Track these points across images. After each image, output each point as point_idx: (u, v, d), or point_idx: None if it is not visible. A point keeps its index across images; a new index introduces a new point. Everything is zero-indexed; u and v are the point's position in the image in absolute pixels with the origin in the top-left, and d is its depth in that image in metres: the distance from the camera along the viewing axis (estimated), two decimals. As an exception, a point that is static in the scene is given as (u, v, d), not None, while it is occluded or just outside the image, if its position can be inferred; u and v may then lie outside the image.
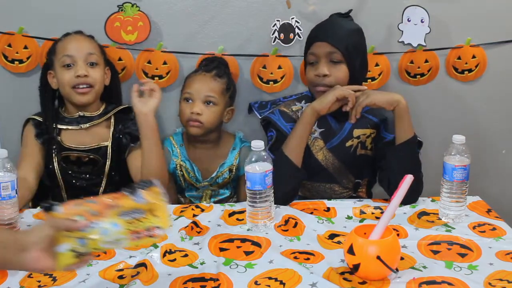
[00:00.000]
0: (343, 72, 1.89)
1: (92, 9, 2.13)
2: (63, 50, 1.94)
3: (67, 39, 1.97)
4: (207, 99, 2.02)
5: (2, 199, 1.56)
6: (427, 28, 2.23)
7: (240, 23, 2.19)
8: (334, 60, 1.88)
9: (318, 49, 1.90)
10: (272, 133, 1.98)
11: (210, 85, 2.03)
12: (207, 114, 2.02)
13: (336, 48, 1.87)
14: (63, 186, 1.97)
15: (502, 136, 2.41)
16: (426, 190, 1.89)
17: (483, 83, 2.33)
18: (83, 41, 1.97)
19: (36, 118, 1.99)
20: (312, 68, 1.92)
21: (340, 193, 1.99)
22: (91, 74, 1.93)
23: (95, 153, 1.97)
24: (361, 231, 1.43)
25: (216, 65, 2.08)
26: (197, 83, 2.04)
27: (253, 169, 1.63)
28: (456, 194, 1.68)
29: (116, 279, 1.41)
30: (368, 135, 1.95)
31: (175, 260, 1.50)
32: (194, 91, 2.03)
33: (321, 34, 1.91)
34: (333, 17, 2.00)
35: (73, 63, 1.92)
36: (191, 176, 2.08)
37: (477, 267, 1.44)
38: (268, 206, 1.67)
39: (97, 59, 1.96)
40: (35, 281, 1.40)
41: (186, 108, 2.04)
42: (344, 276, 1.41)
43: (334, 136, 1.95)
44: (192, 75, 2.08)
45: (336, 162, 1.95)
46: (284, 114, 1.99)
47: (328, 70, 1.88)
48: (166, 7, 2.16)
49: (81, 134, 1.98)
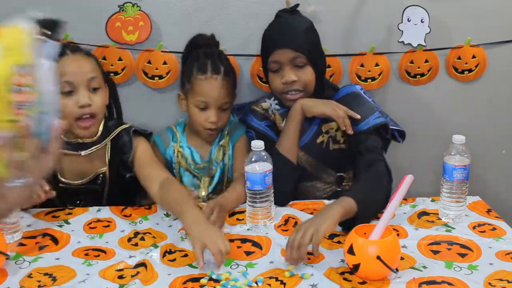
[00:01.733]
0: (310, 75, 1.88)
1: (93, 9, 2.13)
2: (61, 74, 1.73)
3: (64, 61, 1.77)
4: (222, 105, 1.96)
5: (2, 199, 1.56)
6: (427, 28, 2.23)
7: (240, 23, 2.19)
8: (298, 64, 1.86)
9: (280, 56, 1.86)
10: (251, 133, 1.97)
11: (225, 89, 1.95)
12: (222, 119, 1.98)
13: (300, 53, 1.85)
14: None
15: (502, 136, 2.41)
16: (426, 190, 1.89)
17: (483, 83, 2.33)
18: (83, 63, 1.81)
19: None
20: (277, 76, 1.90)
21: (323, 189, 1.95)
22: (95, 101, 1.79)
23: (92, 183, 1.88)
24: (361, 231, 1.43)
25: (218, 59, 1.98)
26: (211, 90, 1.93)
27: (253, 169, 1.63)
28: (456, 194, 1.68)
29: (116, 279, 1.41)
30: (337, 129, 1.91)
31: (175, 260, 1.50)
32: (210, 98, 1.93)
33: (280, 40, 1.87)
34: (284, 17, 1.94)
35: (74, 90, 1.77)
36: (188, 162, 2.05)
37: (477, 267, 1.44)
38: (268, 206, 1.67)
39: (99, 82, 1.82)
40: (35, 281, 1.40)
41: (201, 116, 1.96)
42: (344, 276, 1.41)
43: (304, 134, 1.92)
44: (200, 77, 1.94)
45: (311, 160, 1.92)
46: (255, 113, 1.99)
47: (295, 75, 1.87)
48: (166, 7, 2.16)
49: (80, 160, 1.85)
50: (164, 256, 1.52)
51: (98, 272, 1.44)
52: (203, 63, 1.96)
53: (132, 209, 1.81)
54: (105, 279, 1.41)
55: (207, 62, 1.95)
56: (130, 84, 2.21)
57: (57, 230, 1.67)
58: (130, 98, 2.17)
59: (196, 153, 2.05)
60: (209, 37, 2.05)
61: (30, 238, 1.62)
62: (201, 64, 1.96)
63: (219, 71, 1.95)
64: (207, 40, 2.04)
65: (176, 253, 1.53)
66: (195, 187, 2.04)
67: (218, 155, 2.03)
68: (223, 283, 1.37)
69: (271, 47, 1.89)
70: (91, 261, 1.50)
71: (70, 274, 1.44)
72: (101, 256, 1.53)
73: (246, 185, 1.67)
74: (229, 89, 1.97)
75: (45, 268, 1.47)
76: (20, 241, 1.60)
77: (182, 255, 1.52)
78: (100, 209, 1.81)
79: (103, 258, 1.52)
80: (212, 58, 1.97)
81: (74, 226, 1.71)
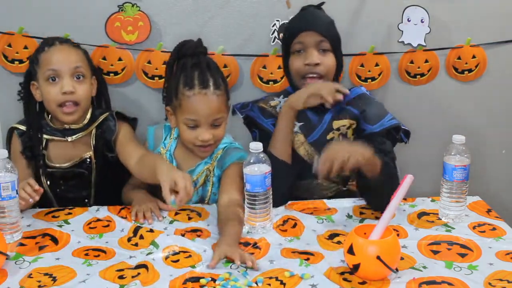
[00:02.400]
0: (332, 61, 1.89)
1: (92, 9, 2.13)
2: (47, 63, 1.86)
3: (52, 51, 1.88)
4: (215, 122, 1.81)
5: (3, 199, 1.56)
6: (427, 28, 2.23)
7: (240, 23, 2.19)
8: (323, 48, 1.87)
9: (305, 38, 1.87)
10: (255, 133, 1.97)
11: (215, 105, 1.79)
12: (216, 135, 1.83)
13: (325, 37, 1.86)
14: (53, 198, 1.97)
15: (502, 136, 2.41)
16: (426, 190, 1.89)
17: (483, 83, 2.33)
18: (69, 52, 1.89)
19: (19, 127, 1.96)
20: (300, 58, 1.89)
21: (328, 188, 1.94)
22: (78, 90, 1.86)
23: (79, 167, 1.94)
24: (361, 231, 1.43)
25: (206, 71, 1.82)
26: (201, 107, 1.78)
27: (252, 171, 1.63)
28: (456, 194, 1.67)
29: (117, 279, 1.41)
30: (348, 126, 1.91)
31: (179, 261, 1.50)
32: (200, 117, 1.78)
33: (307, 24, 1.88)
34: (310, 9, 1.96)
35: (58, 77, 1.85)
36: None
37: (477, 267, 1.44)
38: (267, 208, 1.66)
39: (84, 72, 1.89)
40: (35, 281, 1.40)
41: (191, 134, 1.81)
42: (344, 276, 1.41)
43: (314, 130, 1.91)
44: (187, 93, 1.79)
45: (319, 157, 1.92)
46: (263, 110, 1.98)
47: (319, 59, 1.87)
48: (166, 7, 2.16)
49: (67, 146, 1.93)
50: (167, 258, 1.51)
51: (98, 272, 1.44)
52: (189, 76, 1.80)
53: (129, 211, 1.80)
54: (105, 279, 1.41)
55: (194, 75, 1.80)
56: (130, 84, 2.21)
57: (57, 230, 1.67)
58: (130, 98, 2.17)
59: (175, 164, 1.91)
60: (196, 44, 1.90)
61: (30, 238, 1.62)
62: (187, 77, 1.80)
63: (207, 84, 1.78)
64: (194, 49, 1.88)
65: (180, 254, 1.53)
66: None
67: (200, 177, 1.90)
68: (223, 283, 1.37)
69: (297, 29, 1.90)
70: (91, 261, 1.50)
71: (70, 274, 1.43)
72: (101, 256, 1.53)
73: (245, 187, 1.64)
74: (221, 102, 1.82)
75: (45, 268, 1.46)
76: (20, 241, 1.60)
77: (186, 256, 1.52)
78: (98, 208, 1.81)
79: (103, 258, 1.52)
80: (200, 69, 1.82)
81: (74, 226, 1.70)
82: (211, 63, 1.87)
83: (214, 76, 1.82)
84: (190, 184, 1.57)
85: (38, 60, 1.89)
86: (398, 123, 1.88)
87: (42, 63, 1.88)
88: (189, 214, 1.78)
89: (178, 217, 1.76)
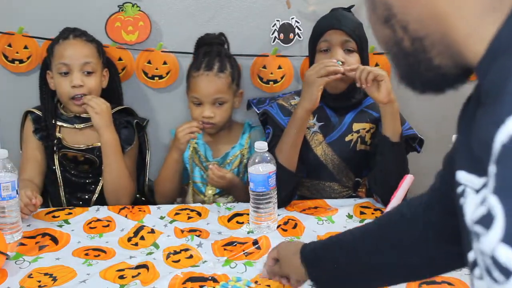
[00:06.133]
0: (357, 62, 1.85)
1: (92, 9, 2.13)
2: (59, 56, 1.93)
3: (65, 45, 1.94)
4: (216, 101, 1.95)
5: (3, 200, 1.56)
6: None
7: (240, 23, 2.19)
8: (348, 48, 1.85)
9: (331, 36, 1.86)
10: (269, 130, 1.96)
11: (216, 85, 1.94)
12: (218, 114, 1.96)
13: (351, 37, 1.85)
14: (61, 183, 1.99)
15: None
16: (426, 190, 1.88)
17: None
18: (81, 47, 1.95)
19: (35, 111, 2.00)
20: (326, 56, 1.86)
21: (339, 192, 1.95)
22: (87, 83, 1.92)
23: (90, 153, 1.98)
24: (361, 231, 1.43)
25: (215, 57, 1.97)
26: (202, 86, 1.94)
27: (257, 171, 1.63)
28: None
29: (117, 279, 1.41)
30: (367, 130, 1.92)
31: (179, 261, 1.50)
32: (201, 95, 1.94)
33: (334, 23, 1.87)
34: (339, 10, 1.97)
35: (69, 71, 1.92)
36: (201, 158, 2.04)
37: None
38: (271, 207, 1.66)
39: (94, 67, 1.94)
40: (35, 281, 1.40)
41: (196, 111, 1.97)
42: (344, 276, 1.40)
43: (333, 130, 1.91)
44: (194, 74, 1.96)
45: (335, 158, 1.91)
46: (282, 108, 1.97)
47: (344, 58, 1.83)
48: (166, 7, 2.16)
49: (76, 133, 1.99)
50: (168, 257, 1.51)
51: (98, 272, 1.44)
52: (199, 61, 1.97)
53: (129, 211, 1.80)
54: (105, 279, 1.41)
55: (203, 60, 1.96)
56: (130, 84, 2.21)
57: (57, 230, 1.67)
58: (130, 98, 2.17)
59: (209, 150, 2.05)
60: (214, 36, 2.06)
61: (30, 238, 1.62)
62: (197, 62, 1.98)
63: (211, 67, 1.94)
64: (211, 39, 2.04)
65: (182, 253, 1.53)
66: (203, 184, 2.04)
67: (234, 159, 2.03)
68: (223, 283, 1.37)
69: (324, 28, 1.88)
70: (91, 261, 1.50)
71: (71, 274, 1.43)
72: (101, 256, 1.53)
73: (249, 186, 1.66)
74: (224, 84, 1.95)
75: (45, 268, 1.47)
76: (20, 241, 1.60)
77: (187, 256, 1.52)
78: (99, 208, 1.81)
79: (103, 258, 1.52)
80: (210, 55, 1.97)
81: (74, 226, 1.70)
82: (222, 52, 2.02)
83: (221, 62, 1.97)
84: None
85: (53, 52, 1.96)
86: (415, 132, 1.87)
87: (55, 56, 1.94)
88: (189, 213, 1.78)
89: (178, 217, 1.76)
